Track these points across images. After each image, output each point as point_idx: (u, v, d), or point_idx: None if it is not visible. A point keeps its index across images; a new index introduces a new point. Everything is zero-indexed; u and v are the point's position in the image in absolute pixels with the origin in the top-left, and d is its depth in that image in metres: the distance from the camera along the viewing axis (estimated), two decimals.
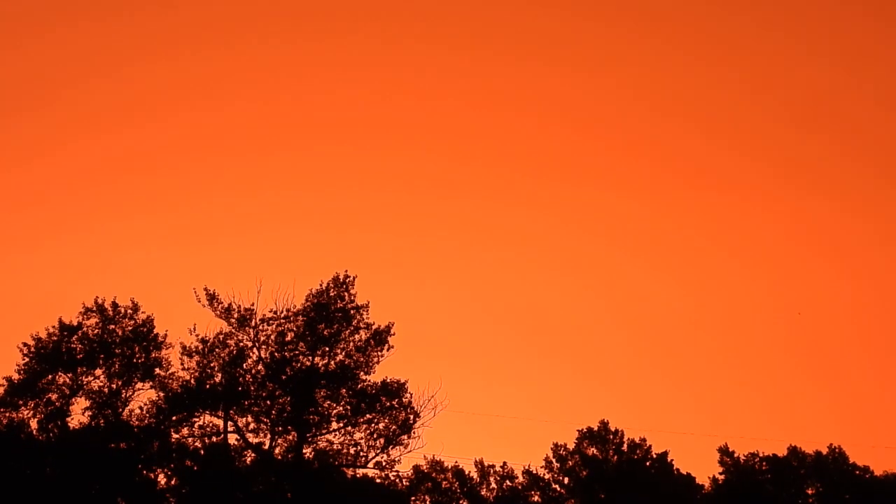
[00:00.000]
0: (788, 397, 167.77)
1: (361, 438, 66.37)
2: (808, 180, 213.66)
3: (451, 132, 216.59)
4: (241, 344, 67.01)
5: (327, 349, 67.11)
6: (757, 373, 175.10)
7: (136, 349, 67.80)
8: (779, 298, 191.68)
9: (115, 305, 68.90)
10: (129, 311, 68.92)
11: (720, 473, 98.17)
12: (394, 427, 66.44)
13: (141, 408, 66.46)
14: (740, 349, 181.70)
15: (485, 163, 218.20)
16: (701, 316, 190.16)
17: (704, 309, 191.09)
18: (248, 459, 67.12)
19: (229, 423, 66.60)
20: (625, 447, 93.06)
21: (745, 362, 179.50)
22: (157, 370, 67.83)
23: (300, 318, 67.15)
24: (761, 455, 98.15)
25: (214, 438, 66.47)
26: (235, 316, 66.99)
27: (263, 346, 66.92)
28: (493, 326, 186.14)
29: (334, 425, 66.64)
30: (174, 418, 65.83)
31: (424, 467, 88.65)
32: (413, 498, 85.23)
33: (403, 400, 66.94)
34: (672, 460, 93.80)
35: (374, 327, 68.11)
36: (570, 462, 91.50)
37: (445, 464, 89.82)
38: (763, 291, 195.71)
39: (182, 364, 66.93)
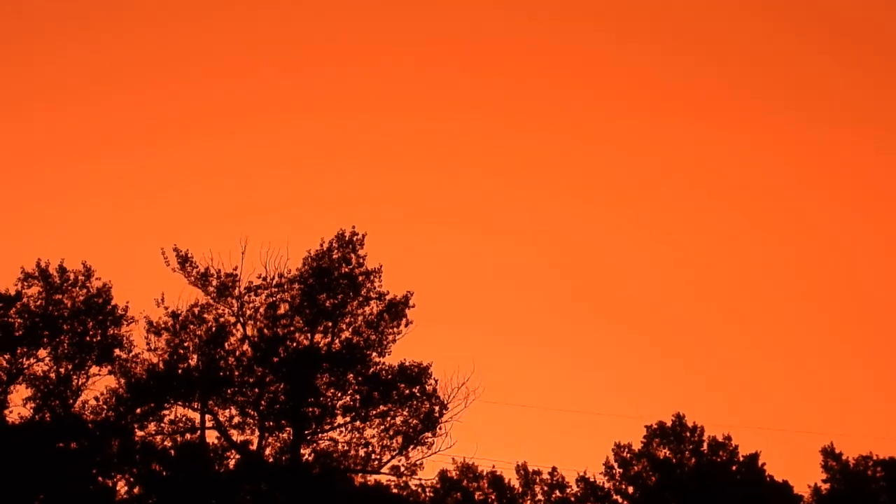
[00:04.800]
0: None
1: (373, 436, 64.79)
2: None
3: (489, 43, 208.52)
4: (222, 318, 65.27)
5: (330, 325, 65.42)
6: (870, 356, 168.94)
7: (90, 325, 66.16)
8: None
9: (62, 270, 67.01)
10: (81, 277, 67.03)
11: (824, 481, 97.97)
12: (414, 422, 64.80)
13: (96, 398, 64.75)
14: (850, 327, 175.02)
15: (533, 82, 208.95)
16: (803, 286, 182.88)
17: (807, 277, 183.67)
18: (231, 462, 65.84)
19: (207, 416, 64.88)
20: (705, 447, 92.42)
21: (855, 342, 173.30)
22: (117, 351, 66.04)
23: (296, 285, 65.35)
24: (876, 458, 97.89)
25: (188, 436, 65.03)
26: (214, 283, 64.93)
27: (250, 322, 65.11)
28: (538, 296, 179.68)
29: (339, 420, 65.14)
30: (138, 411, 64.40)
31: (453, 473, 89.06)
32: None
33: (427, 387, 65.19)
34: (764, 464, 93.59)
35: (388, 297, 66.21)
36: (636, 466, 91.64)
37: (480, 469, 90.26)
38: (878, 258, 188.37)
39: (148, 343, 65.15)
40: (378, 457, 64.51)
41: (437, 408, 64.69)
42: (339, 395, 65.15)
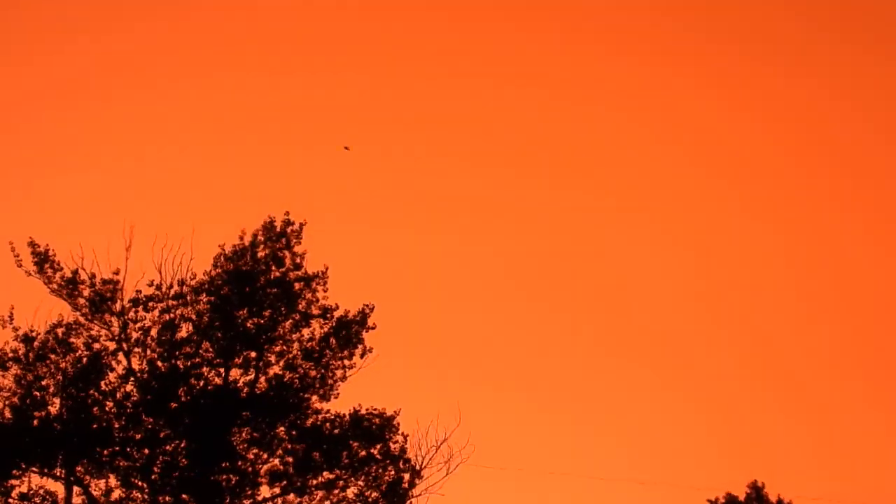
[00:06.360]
0: None
1: None
2: None
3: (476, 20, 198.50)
4: (98, 344, 54.90)
5: (253, 355, 55.22)
6: None
7: None
8: None
9: None
10: None
11: None
12: (374, 495, 55.46)
13: None
14: None
15: (532, 62, 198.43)
16: None
17: None
18: None
19: (75, 489, 54.76)
20: None
21: None
22: None
23: (204, 297, 55.32)
24: None
25: None
26: (87, 293, 54.82)
27: (137, 349, 54.82)
28: (551, 322, 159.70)
29: (265, 492, 55.14)
30: None
31: None
32: None
33: (392, 446, 55.79)
34: None
35: (337, 314, 55.87)
36: None
37: None
38: None
39: None
40: None
41: (406, 475, 54.95)
42: (265, 456, 54.70)
